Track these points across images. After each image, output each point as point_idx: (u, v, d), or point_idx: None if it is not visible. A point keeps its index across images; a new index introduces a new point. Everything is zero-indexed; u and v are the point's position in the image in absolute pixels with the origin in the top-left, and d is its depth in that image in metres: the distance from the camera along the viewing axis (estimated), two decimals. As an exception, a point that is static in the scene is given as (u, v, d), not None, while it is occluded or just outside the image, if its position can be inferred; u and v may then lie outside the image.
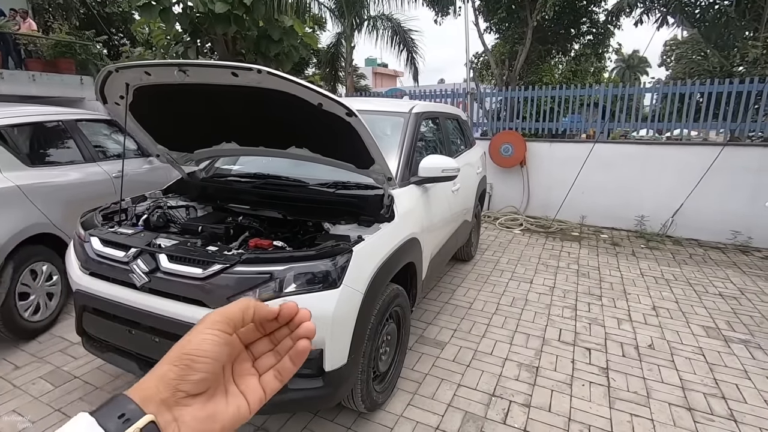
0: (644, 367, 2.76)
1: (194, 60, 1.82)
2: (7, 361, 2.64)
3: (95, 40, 12.05)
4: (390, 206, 2.23)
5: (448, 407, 2.33)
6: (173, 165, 2.76)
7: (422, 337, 3.06)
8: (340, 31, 11.42)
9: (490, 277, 4.24)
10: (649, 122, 6.28)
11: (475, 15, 10.20)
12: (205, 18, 8.44)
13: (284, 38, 9.36)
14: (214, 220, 2.39)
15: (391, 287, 2.19)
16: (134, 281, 1.80)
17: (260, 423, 2.16)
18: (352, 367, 1.85)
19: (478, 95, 7.37)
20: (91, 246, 1.99)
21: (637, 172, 5.89)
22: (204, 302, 1.70)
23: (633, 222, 5.93)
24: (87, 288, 1.98)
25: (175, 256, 1.78)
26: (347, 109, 1.77)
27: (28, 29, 10.64)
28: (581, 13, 10.07)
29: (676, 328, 3.30)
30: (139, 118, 2.39)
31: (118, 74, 2.03)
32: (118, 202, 2.39)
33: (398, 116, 2.95)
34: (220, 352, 0.43)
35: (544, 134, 6.79)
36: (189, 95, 2.12)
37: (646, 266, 4.66)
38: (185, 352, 0.41)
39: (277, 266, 1.70)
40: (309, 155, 2.31)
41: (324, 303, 1.70)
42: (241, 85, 1.83)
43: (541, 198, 6.57)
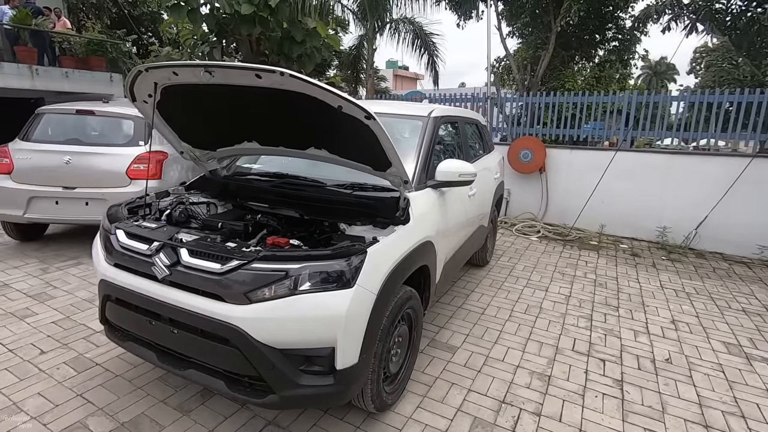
0: (660, 381, 2.70)
1: (220, 61, 1.88)
2: (33, 345, 2.76)
3: (125, 39, 12.44)
4: (406, 209, 2.24)
5: (458, 412, 2.33)
6: (196, 162, 2.84)
7: (434, 340, 3.07)
8: (362, 33, 11.51)
9: (505, 284, 4.21)
10: (674, 131, 6.14)
11: (498, 19, 10.17)
12: (231, 19, 8.61)
13: (307, 40, 9.48)
14: (233, 217, 2.45)
15: (404, 289, 2.21)
16: (156, 274, 1.86)
17: (272, 418, 2.21)
18: (363, 366, 1.87)
19: (498, 100, 7.33)
20: (117, 238, 2.07)
21: (660, 181, 5.76)
22: (221, 296, 1.75)
23: (654, 233, 5.80)
24: (111, 278, 2.06)
25: (195, 251, 1.84)
26: (366, 113, 1.80)
27: (62, 27, 11.05)
28: (607, 19, 9.88)
29: (695, 343, 3.22)
30: (166, 116, 2.47)
31: (148, 74, 2.11)
32: (143, 197, 2.47)
33: (417, 120, 2.97)
34: None
35: (566, 141, 6.70)
36: (213, 95, 2.18)
37: (666, 278, 4.55)
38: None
39: (293, 264, 1.73)
40: (327, 156, 2.36)
41: (337, 302, 1.72)
42: (264, 87, 1.89)
43: (559, 205, 6.49)
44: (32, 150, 4.29)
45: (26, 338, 2.83)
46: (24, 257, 4.28)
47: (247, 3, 8.10)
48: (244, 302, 1.72)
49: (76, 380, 2.43)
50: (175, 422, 2.14)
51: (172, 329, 1.89)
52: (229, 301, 1.74)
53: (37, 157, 4.25)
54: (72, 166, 4.17)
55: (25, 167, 4.23)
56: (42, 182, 4.21)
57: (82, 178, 4.21)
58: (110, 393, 2.34)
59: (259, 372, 1.73)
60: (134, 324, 2.06)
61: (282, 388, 1.74)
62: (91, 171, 4.22)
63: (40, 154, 4.27)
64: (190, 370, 1.92)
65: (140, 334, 2.08)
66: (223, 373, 1.87)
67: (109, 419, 2.14)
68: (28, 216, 4.25)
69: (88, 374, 2.49)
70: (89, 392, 2.34)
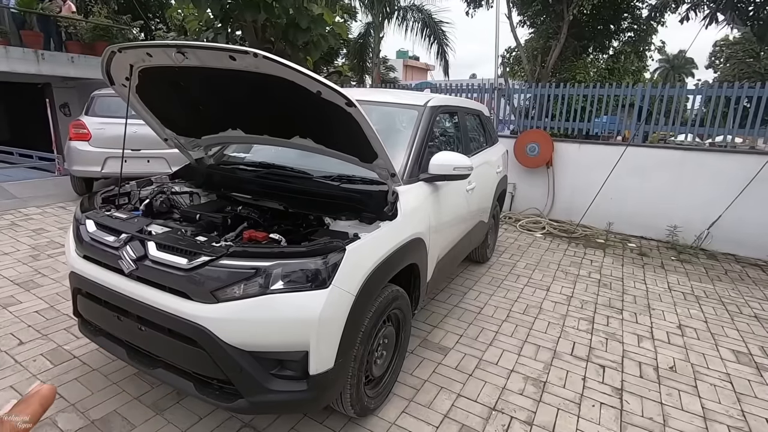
0: (663, 391, 2.55)
1: (193, 42, 1.75)
2: (13, 335, 2.69)
3: (132, 25, 12.35)
4: (394, 203, 2.11)
5: (445, 418, 2.21)
6: (181, 150, 2.72)
7: (426, 340, 2.94)
8: (369, 21, 11.27)
9: (505, 282, 4.07)
10: (689, 126, 5.88)
11: (509, 7, 9.83)
12: (236, 4, 8.46)
13: (312, 27, 9.29)
14: (214, 208, 2.33)
15: (390, 288, 2.08)
16: (123, 267, 1.76)
17: (248, 420, 2.11)
18: (340, 371, 1.76)
19: (506, 91, 7.10)
20: (86, 228, 1.96)
21: (672, 178, 5.53)
22: (188, 294, 1.64)
23: (664, 232, 5.59)
24: (80, 271, 1.96)
25: (163, 245, 1.72)
26: (347, 99, 1.66)
27: (68, 12, 10.97)
28: (622, 8, 9.50)
29: (702, 350, 3.05)
30: (146, 100, 2.35)
31: (122, 55, 1.99)
32: (119, 185, 2.37)
33: (412, 109, 2.82)
34: None
35: (577, 135, 6.47)
36: (193, 79, 2.06)
37: (674, 280, 4.37)
38: None
39: (265, 262, 1.61)
40: (313, 146, 2.22)
41: (311, 303, 1.60)
42: (242, 70, 1.76)
43: (566, 201, 6.29)
44: (102, 122, 5.63)
45: (6, 327, 2.77)
46: (17, 243, 4.23)
47: (251, -12, 7.92)
48: (212, 301, 1.61)
49: (52, 373, 2.36)
50: (148, 421, 2.05)
51: (140, 326, 1.79)
52: (196, 299, 1.63)
53: (108, 128, 5.57)
54: (137, 134, 5.00)
55: (100, 135, 5.61)
56: (114, 146, 5.50)
57: (145, 142, 5.17)
58: (84, 388, 2.26)
59: (226, 375, 1.63)
60: (103, 319, 1.97)
61: (251, 392, 1.64)
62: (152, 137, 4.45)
63: (110, 125, 5.56)
64: (159, 369, 1.82)
65: (110, 330, 1.98)
66: (192, 375, 1.76)
67: (80, 416, 2.06)
68: (104, 172, 5.62)
69: (64, 367, 2.41)
70: (63, 386, 2.26)
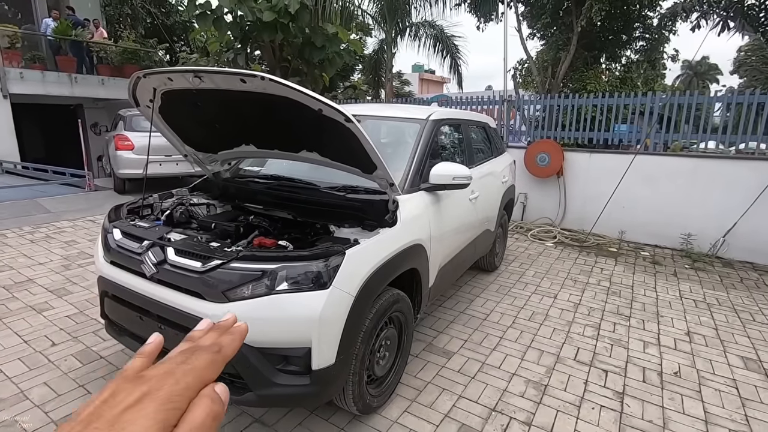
0: (665, 396, 2.57)
1: (208, 67, 1.95)
2: (46, 337, 2.91)
3: (158, 48, 12.99)
4: (394, 212, 2.24)
5: (445, 417, 2.30)
6: (199, 165, 2.94)
7: (431, 345, 3.04)
8: (382, 38, 11.58)
9: (512, 290, 4.13)
10: (704, 133, 5.84)
11: (518, 21, 9.97)
12: (254, 26, 8.86)
13: (327, 45, 9.62)
14: (229, 218, 2.52)
15: (390, 292, 2.20)
16: (145, 271, 1.94)
17: (258, 416, 2.24)
18: (341, 367, 1.88)
19: (517, 102, 7.20)
20: (113, 236, 2.17)
21: (686, 186, 5.50)
22: (202, 294, 1.80)
23: (678, 240, 5.53)
24: (108, 275, 2.16)
25: (180, 250, 1.90)
26: (345, 116, 1.82)
27: (100, 37, 11.64)
28: (633, 18, 9.51)
29: (710, 356, 3.05)
30: (168, 120, 2.57)
31: (146, 79, 2.21)
32: (143, 198, 2.58)
33: (415, 123, 2.96)
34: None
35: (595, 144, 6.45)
36: (210, 100, 2.26)
37: (686, 288, 4.34)
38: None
39: (271, 265, 1.77)
40: (319, 159, 2.39)
41: (312, 303, 1.74)
42: (252, 91, 1.94)
43: (578, 210, 6.30)
44: (140, 135, 7.14)
45: (41, 330, 3.00)
46: (50, 254, 4.53)
47: (269, 10, 8.31)
48: (223, 300, 1.76)
49: (80, 372, 2.55)
50: (166, 416, 2.21)
51: (160, 325, 1.96)
52: (210, 299, 1.79)
53: (145, 140, 6.62)
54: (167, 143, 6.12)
55: (140, 145, 7.11)
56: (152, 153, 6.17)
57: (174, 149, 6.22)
58: (99, 385, 2.43)
59: (236, 369, 1.77)
60: (127, 319, 2.15)
61: (259, 386, 1.78)
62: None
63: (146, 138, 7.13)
64: (176, 365, 1.98)
65: (133, 330, 2.16)
66: (205, 370, 1.91)
67: (105, 410, 2.23)
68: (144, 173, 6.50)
69: (91, 366, 2.61)
70: (91, 384, 2.45)
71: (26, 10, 12.37)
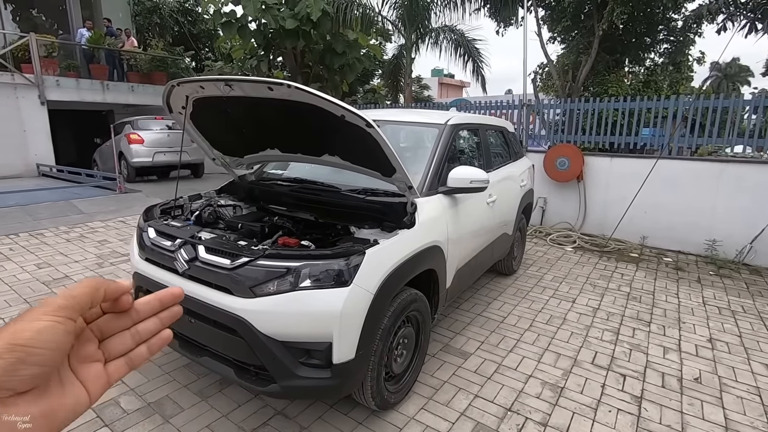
0: (684, 401, 2.56)
1: (238, 76, 2.07)
2: (83, 330, 3.09)
3: (184, 56, 13.42)
4: (413, 214, 2.32)
5: (461, 416, 2.35)
6: (226, 168, 3.08)
7: (448, 345, 3.09)
8: (402, 43, 11.70)
9: (530, 293, 4.13)
10: (731, 137, 5.72)
11: (538, 25, 9.92)
12: (277, 33, 9.11)
13: (348, 51, 9.80)
14: (254, 218, 2.63)
15: (408, 291, 2.27)
16: (177, 267, 2.07)
17: (281, 408, 2.34)
18: (361, 362, 1.96)
19: (537, 107, 7.18)
20: (148, 235, 2.31)
21: (711, 191, 5.39)
22: (231, 290, 1.91)
23: (703, 246, 5.42)
24: (142, 271, 2.29)
25: (210, 248, 2.02)
26: (366, 121, 1.91)
27: (131, 46, 12.11)
28: (656, 20, 9.35)
29: (732, 363, 3.00)
30: (198, 125, 2.72)
31: (179, 88, 2.35)
32: (175, 199, 2.73)
33: (433, 127, 3.04)
34: (63, 342, 0.36)
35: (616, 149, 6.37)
36: (238, 107, 2.38)
37: (710, 294, 4.26)
38: (18, 342, 0.34)
39: (295, 262, 1.86)
40: (340, 163, 2.49)
41: (334, 299, 1.83)
42: (278, 98, 2.05)
43: (598, 215, 6.24)
44: (144, 133, 9.26)
45: (78, 324, 3.18)
46: (84, 253, 4.77)
47: (291, 18, 8.53)
48: (250, 296, 1.87)
49: (115, 363, 2.70)
50: (194, 406, 2.33)
51: (190, 319, 2.08)
52: (237, 294, 1.90)
53: (149, 135, 9.31)
54: (169, 137, 9.42)
55: (148, 139, 9.23)
56: (156, 146, 9.31)
57: (177, 141, 9.28)
58: (142, 376, 2.58)
59: (261, 361, 1.87)
60: (160, 313, 2.28)
61: (283, 378, 1.87)
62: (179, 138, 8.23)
63: (153, 134, 9.40)
64: (205, 357, 2.10)
65: (165, 323, 2.29)
66: (232, 362, 2.02)
67: (138, 399, 2.38)
68: (153, 161, 9.29)
69: (125, 358, 2.76)
70: (124, 374, 2.59)
71: (63, 21, 13.00)
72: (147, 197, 7.45)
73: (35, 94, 9.97)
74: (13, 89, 9.71)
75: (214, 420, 2.23)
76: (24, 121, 9.93)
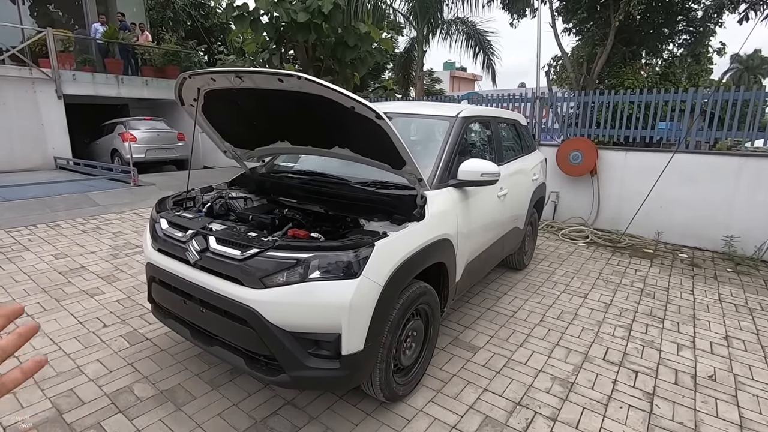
0: (698, 398, 2.52)
1: (248, 68, 2.08)
2: (98, 319, 3.15)
3: (197, 49, 13.51)
4: (423, 206, 2.31)
5: (469, 409, 2.35)
6: (237, 160, 3.10)
7: (457, 339, 3.08)
8: (413, 36, 11.61)
9: (541, 288, 4.10)
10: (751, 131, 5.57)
11: (552, 16, 9.73)
12: (289, 27, 9.10)
13: (360, 44, 9.75)
14: (264, 210, 2.65)
15: (417, 284, 2.27)
16: (189, 258, 2.09)
17: (290, 398, 2.36)
18: (369, 354, 1.96)
19: (550, 100, 7.07)
20: (160, 226, 2.34)
21: (728, 186, 5.26)
22: (241, 281, 1.93)
23: (720, 242, 5.31)
24: (155, 261, 2.33)
25: (221, 239, 2.04)
26: (376, 113, 1.90)
27: (145, 40, 12.23)
28: (675, 10, 9.08)
29: (749, 361, 2.94)
30: (210, 118, 2.74)
31: (191, 80, 2.36)
32: (187, 191, 2.75)
33: (444, 120, 3.01)
34: None
35: (632, 142, 6.25)
36: (248, 99, 2.39)
37: (727, 291, 4.17)
38: None
39: (304, 254, 1.87)
40: (350, 155, 2.48)
41: (343, 290, 1.83)
42: (288, 90, 2.05)
43: (612, 210, 6.14)
44: (136, 132, 10.26)
45: (94, 313, 3.25)
46: (100, 244, 4.86)
47: (303, 11, 8.51)
48: (260, 286, 1.88)
49: (129, 351, 2.76)
50: (206, 394, 2.37)
51: (202, 309, 2.11)
52: (248, 285, 1.91)
53: (141, 134, 10.38)
54: (160, 137, 10.76)
55: (141, 137, 10.31)
56: (148, 144, 10.46)
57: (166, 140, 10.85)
58: (155, 364, 2.63)
59: (271, 351, 1.89)
60: (172, 303, 2.32)
61: (292, 368, 1.88)
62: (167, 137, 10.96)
63: (145, 132, 10.57)
64: (216, 346, 2.12)
65: (177, 313, 2.33)
66: (243, 351, 2.05)
67: (152, 386, 2.42)
68: (145, 157, 10.29)
69: (138, 347, 2.81)
70: (138, 362, 2.64)
71: (78, 16, 13.17)
72: (160, 190, 7.55)
73: (52, 88, 10.14)
74: (31, 83, 9.89)
75: (225, 409, 2.27)
76: (42, 115, 10.12)
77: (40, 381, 2.43)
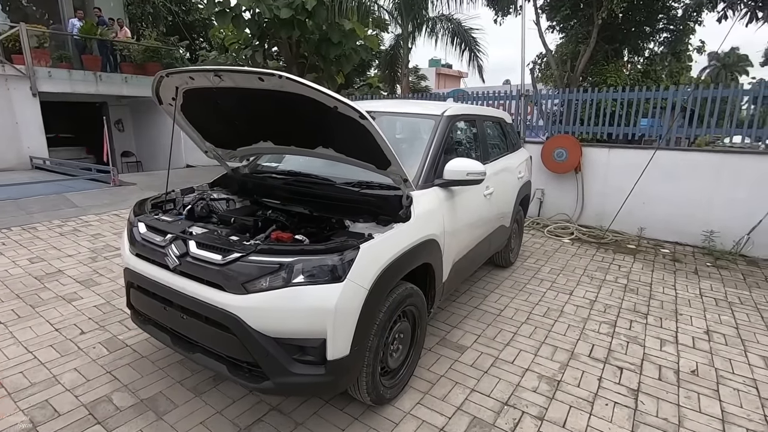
0: (681, 394, 2.55)
1: (228, 67, 2.02)
2: (76, 326, 3.05)
3: (178, 46, 13.22)
4: (408, 207, 2.28)
5: (457, 410, 2.33)
6: (219, 161, 3.02)
7: (444, 339, 3.07)
8: (399, 33, 11.56)
9: (527, 286, 4.12)
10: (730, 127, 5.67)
11: (536, 14, 9.80)
12: (272, 23, 8.94)
13: (344, 41, 9.65)
14: (247, 212, 2.59)
15: (404, 286, 2.24)
16: (168, 263, 2.02)
17: (275, 404, 2.32)
18: (356, 358, 1.93)
19: (535, 97, 7.11)
20: (138, 230, 2.26)
21: (709, 182, 5.37)
22: (222, 286, 1.87)
23: (700, 238, 5.41)
24: (133, 267, 2.25)
25: (201, 243, 1.97)
26: (359, 113, 1.86)
27: (124, 36, 11.92)
28: (656, 9, 9.22)
29: (729, 355, 3.00)
30: (189, 117, 2.66)
31: (169, 79, 2.29)
32: (166, 193, 2.67)
33: (429, 119, 2.98)
34: None
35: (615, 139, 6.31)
36: (229, 98, 2.32)
37: (707, 286, 4.25)
38: None
39: (287, 258, 1.82)
40: (334, 155, 2.43)
41: (328, 295, 1.79)
42: (270, 89, 1.99)
43: (596, 207, 6.21)
44: None
45: (71, 319, 3.15)
46: (78, 247, 4.72)
47: (286, 7, 8.38)
48: (242, 292, 1.83)
49: (108, 359, 2.68)
50: (188, 402, 2.31)
51: (182, 315, 2.04)
52: (229, 290, 1.86)
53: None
54: None
55: None
56: None
57: None
58: (135, 372, 2.56)
59: (254, 358, 1.84)
60: (152, 309, 2.25)
61: (276, 374, 1.84)
62: None
63: None
64: (197, 354, 2.07)
65: (157, 319, 2.26)
66: (225, 358, 1.99)
67: (131, 395, 2.35)
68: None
69: (118, 354, 2.73)
70: (117, 370, 2.56)
71: (53, 11, 12.76)
72: (141, 190, 7.38)
73: (27, 85, 9.81)
74: (4, 81, 9.56)
75: (208, 417, 2.21)
76: (16, 113, 9.78)
77: (14, 392, 2.34)
